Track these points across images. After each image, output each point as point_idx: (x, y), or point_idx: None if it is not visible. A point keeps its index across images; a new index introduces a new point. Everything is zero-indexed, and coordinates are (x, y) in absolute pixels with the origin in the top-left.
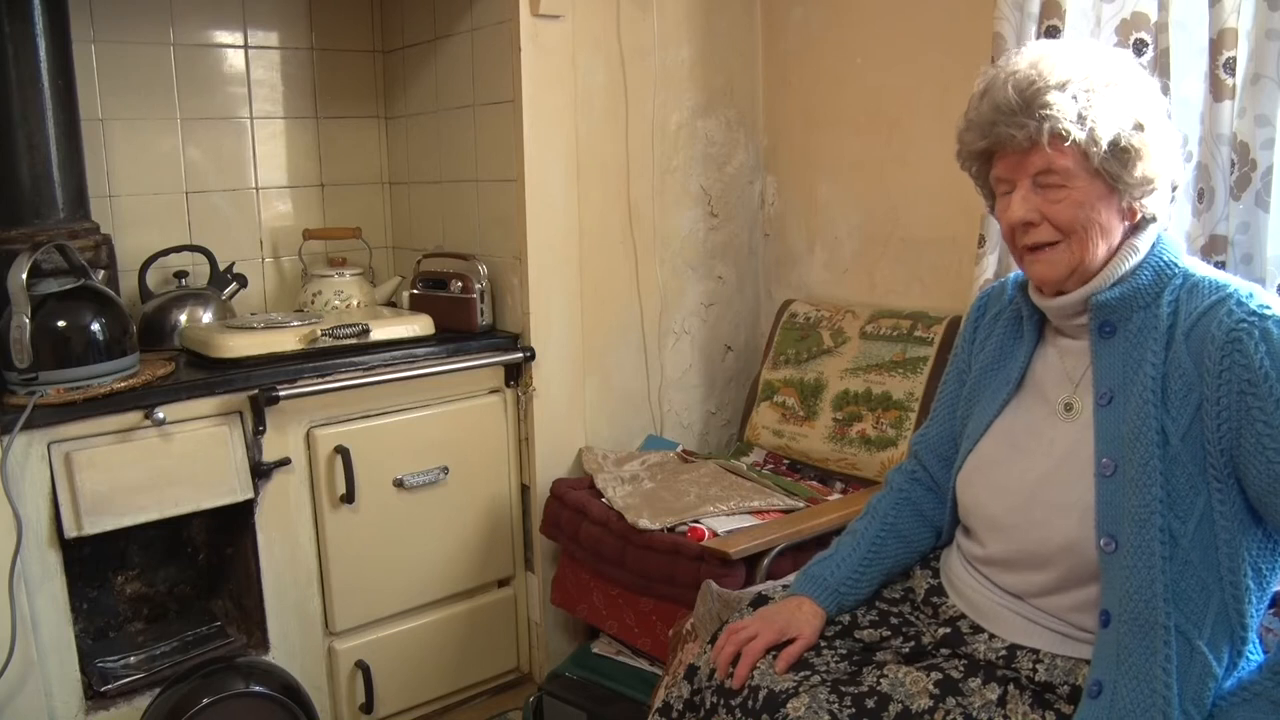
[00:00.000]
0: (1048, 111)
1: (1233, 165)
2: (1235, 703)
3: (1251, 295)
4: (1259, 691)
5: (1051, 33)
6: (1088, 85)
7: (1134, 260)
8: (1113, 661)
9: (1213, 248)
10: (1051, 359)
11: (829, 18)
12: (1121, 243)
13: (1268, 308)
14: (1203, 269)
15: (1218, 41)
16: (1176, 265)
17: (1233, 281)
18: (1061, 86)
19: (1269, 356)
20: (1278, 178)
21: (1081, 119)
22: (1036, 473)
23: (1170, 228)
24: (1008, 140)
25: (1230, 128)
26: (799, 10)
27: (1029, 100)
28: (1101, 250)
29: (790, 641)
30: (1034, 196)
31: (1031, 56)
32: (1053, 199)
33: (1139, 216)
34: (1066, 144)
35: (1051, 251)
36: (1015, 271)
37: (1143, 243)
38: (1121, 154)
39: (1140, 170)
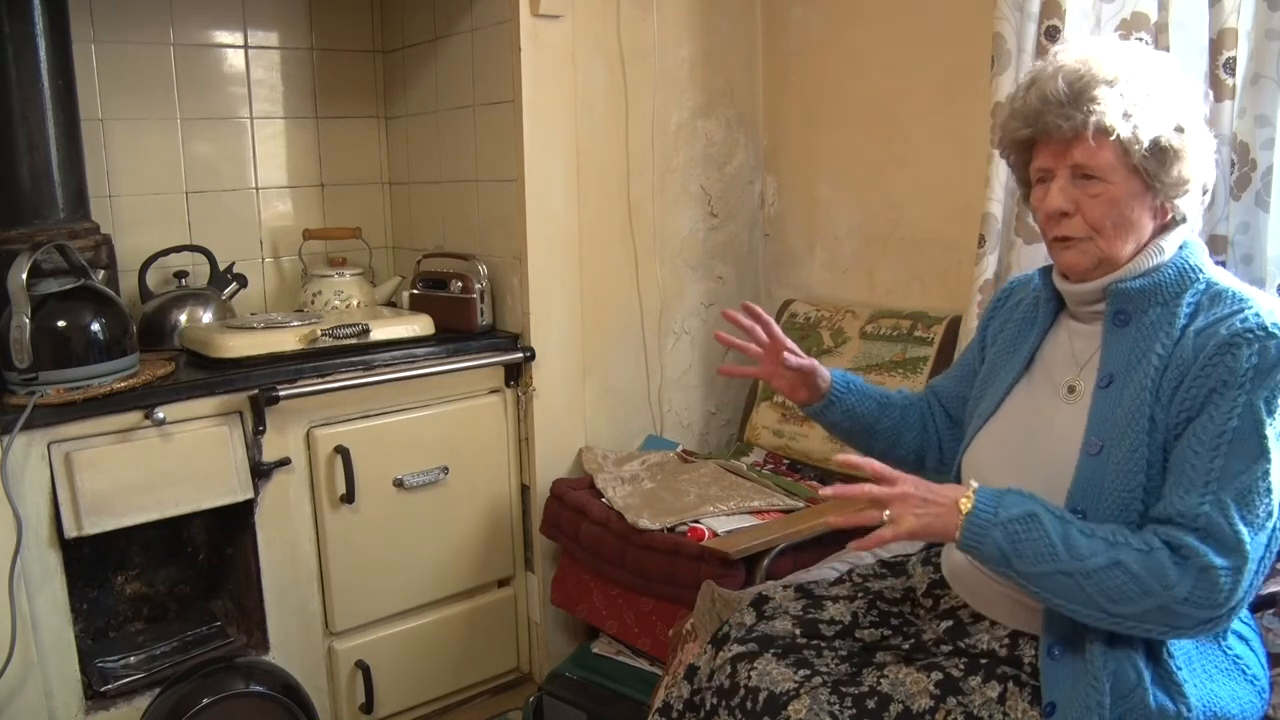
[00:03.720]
0: (1095, 105)
1: (1233, 165)
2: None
3: (1272, 312)
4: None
5: (1051, 33)
6: (1135, 84)
7: (1159, 258)
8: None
9: (1213, 248)
10: (1061, 341)
11: (829, 18)
12: (1149, 240)
13: None
14: (1228, 279)
15: (1218, 41)
16: (1201, 271)
17: (1257, 296)
18: (1110, 83)
19: (1256, 370)
20: (1278, 178)
21: (1127, 116)
22: (1037, 453)
23: (1196, 232)
24: (1054, 130)
25: (1230, 128)
26: (799, 10)
27: (1078, 93)
28: (1130, 247)
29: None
30: (1071, 188)
31: (1081, 53)
32: (1090, 192)
33: (1169, 216)
34: (1110, 139)
35: (1082, 243)
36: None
37: (1169, 243)
38: (1161, 154)
39: (1177, 171)
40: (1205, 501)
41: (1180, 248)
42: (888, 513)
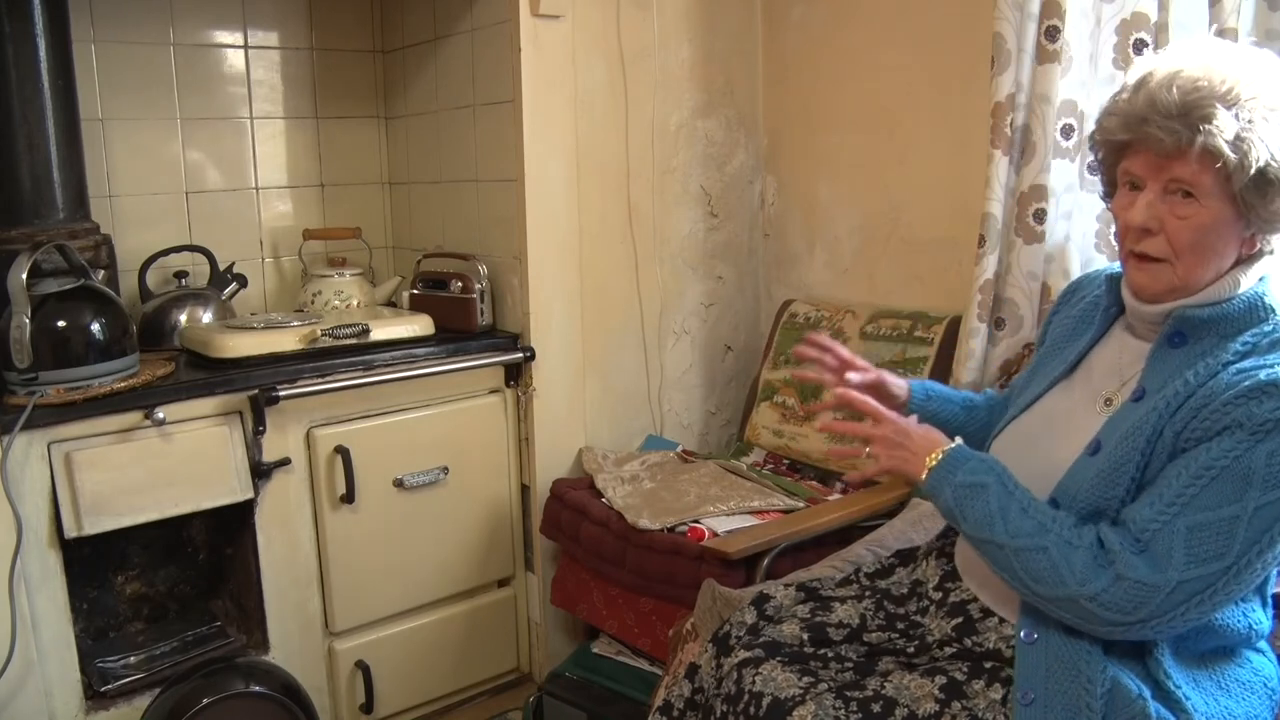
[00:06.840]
0: (1208, 126)
1: None
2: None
3: None
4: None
5: (1051, 33)
6: (1255, 104)
7: (1232, 290)
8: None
9: None
10: (1110, 351)
11: (829, 18)
12: (1228, 270)
13: None
14: None
15: None
16: (1275, 312)
17: None
18: (1227, 100)
19: (1276, 423)
20: None
21: (1239, 141)
22: (1062, 457)
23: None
24: (1154, 141)
25: None
26: (799, 10)
27: (1190, 108)
28: (1209, 275)
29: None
30: (1160, 204)
31: (1203, 59)
32: (1179, 213)
33: (1257, 248)
34: (1215, 163)
35: (1157, 267)
36: (1109, 265)
37: (1248, 276)
38: (1265, 184)
39: (1278, 203)
40: (1161, 519)
41: (1259, 281)
42: (869, 450)
